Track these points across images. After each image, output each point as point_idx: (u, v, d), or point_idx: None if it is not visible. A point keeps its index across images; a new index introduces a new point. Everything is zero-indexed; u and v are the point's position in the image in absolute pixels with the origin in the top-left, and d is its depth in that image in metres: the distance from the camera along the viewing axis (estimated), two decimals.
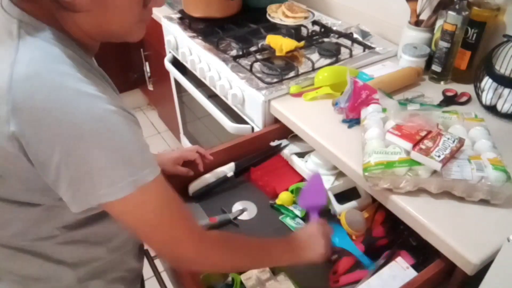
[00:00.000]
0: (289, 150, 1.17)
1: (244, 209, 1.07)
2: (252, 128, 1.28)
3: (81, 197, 0.57)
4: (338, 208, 1.03)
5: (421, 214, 0.80)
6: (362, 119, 1.00)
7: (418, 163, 0.82)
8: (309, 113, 1.11)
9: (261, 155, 1.18)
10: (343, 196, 1.07)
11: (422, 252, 0.91)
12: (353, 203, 1.05)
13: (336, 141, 1.00)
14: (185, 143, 2.11)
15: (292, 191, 1.09)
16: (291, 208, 1.07)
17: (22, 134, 0.52)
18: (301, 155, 1.16)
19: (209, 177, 1.10)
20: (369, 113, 0.99)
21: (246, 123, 1.31)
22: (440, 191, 0.83)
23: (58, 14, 0.58)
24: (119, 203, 0.58)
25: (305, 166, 1.12)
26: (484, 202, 0.82)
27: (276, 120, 1.20)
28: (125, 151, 0.56)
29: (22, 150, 0.54)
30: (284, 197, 1.07)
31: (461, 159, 0.82)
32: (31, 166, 0.56)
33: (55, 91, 0.52)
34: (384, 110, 0.99)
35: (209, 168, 1.10)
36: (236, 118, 1.36)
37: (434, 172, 0.82)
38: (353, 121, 1.04)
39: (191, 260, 0.67)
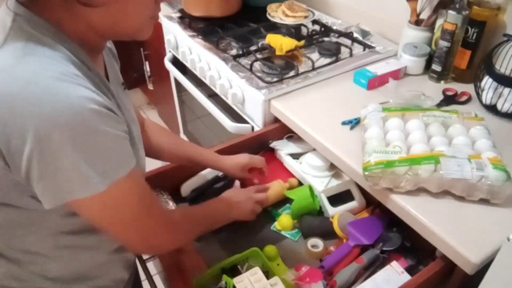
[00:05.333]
0: (284, 151, 1.17)
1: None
2: (252, 128, 1.28)
3: (53, 193, 0.55)
4: (331, 210, 1.03)
5: (421, 214, 0.80)
6: (362, 119, 1.00)
7: (418, 162, 0.82)
8: (309, 112, 1.11)
9: (251, 153, 1.18)
10: (337, 199, 1.06)
11: (416, 254, 0.91)
12: (346, 206, 1.04)
13: (336, 140, 1.00)
14: None
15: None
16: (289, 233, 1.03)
17: None
18: (296, 156, 1.16)
19: (201, 178, 1.10)
20: (369, 112, 0.99)
21: (246, 122, 1.31)
22: (440, 190, 0.83)
23: (68, 10, 0.57)
24: (91, 200, 0.56)
25: (299, 168, 1.11)
26: (484, 201, 0.82)
27: (276, 120, 1.20)
28: (96, 147, 0.54)
29: None
30: (284, 221, 1.02)
31: (461, 158, 0.82)
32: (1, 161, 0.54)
33: (33, 81, 0.51)
34: (384, 109, 0.99)
35: (201, 168, 1.10)
36: (236, 117, 1.35)
37: (434, 171, 0.82)
38: (354, 121, 1.04)
39: (166, 247, 0.74)
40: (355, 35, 1.46)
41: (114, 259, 0.78)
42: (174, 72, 1.68)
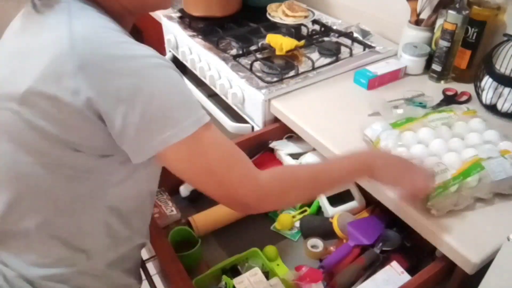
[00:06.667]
0: (284, 151, 1.16)
1: None
2: (252, 127, 1.28)
3: (147, 143, 0.59)
4: (330, 210, 1.03)
5: (421, 213, 0.80)
6: (375, 141, 0.93)
7: (469, 174, 0.79)
8: (309, 112, 1.11)
9: (250, 152, 1.18)
10: (337, 199, 1.05)
11: (416, 254, 0.91)
12: (346, 206, 1.04)
13: (336, 140, 0.99)
14: None
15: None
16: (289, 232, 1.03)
17: (89, 87, 0.55)
18: (296, 156, 1.16)
19: None
20: (380, 132, 0.92)
21: (246, 122, 1.31)
22: (491, 195, 0.82)
23: None
24: (182, 146, 0.59)
25: None
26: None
27: (276, 119, 1.20)
28: (183, 94, 0.61)
29: (87, 105, 0.56)
30: (283, 220, 1.03)
31: (496, 157, 0.81)
32: (94, 123, 0.59)
33: (114, 45, 0.58)
34: (393, 125, 0.94)
35: None
36: (236, 117, 1.35)
37: (480, 178, 0.79)
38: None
39: (251, 204, 0.65)
40: (355, 35, 1.46)
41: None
42: None
